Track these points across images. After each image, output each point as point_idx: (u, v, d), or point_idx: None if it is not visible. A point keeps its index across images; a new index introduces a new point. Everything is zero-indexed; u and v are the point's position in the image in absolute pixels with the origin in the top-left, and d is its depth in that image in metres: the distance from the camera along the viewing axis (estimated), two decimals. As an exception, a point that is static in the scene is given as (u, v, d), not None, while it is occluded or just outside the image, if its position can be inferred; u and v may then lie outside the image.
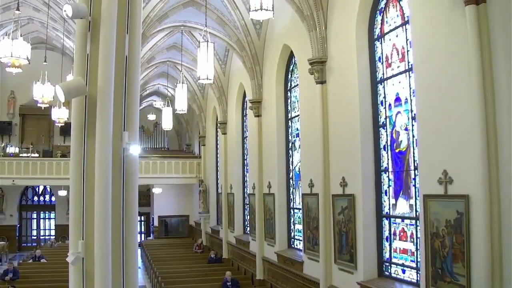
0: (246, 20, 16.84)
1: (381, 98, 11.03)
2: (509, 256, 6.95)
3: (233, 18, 17.13)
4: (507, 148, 7.00)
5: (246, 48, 17.66)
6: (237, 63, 19.89)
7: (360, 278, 10.87)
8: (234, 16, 16.99)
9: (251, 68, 17.90)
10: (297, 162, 15.74)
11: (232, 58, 21.48)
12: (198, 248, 26.46)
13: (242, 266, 20.39)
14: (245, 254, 20.05)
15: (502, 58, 7.10)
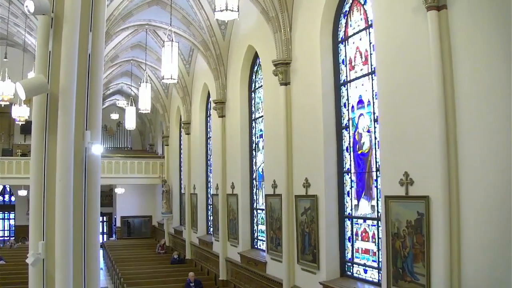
0: (211, 20, 16.80)
1: (344, 100, 11.14)
2: (468, 256, 7.11)
3: (198, 18, 17.07)
4: (466, 150, 7.16)
5: (211, 48, 17.61)
6: (202, 63, 19.82)
7: (322, 278, 10.96)
8: (199, 16, 16.93)
9: (216, 68, 17.87)
10: (260, 163, 15.78)
11: (197, 58, 21.40)
12: (161, 249, 26.29)
13: (205, 267, 20.34)
14: (208, 255, 20.00)
15: (462, 62, 7.26)
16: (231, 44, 17.53)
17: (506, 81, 6.51)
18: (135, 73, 25.86)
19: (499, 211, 6.60)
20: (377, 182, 9.83)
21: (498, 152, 6.63)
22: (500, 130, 6.61)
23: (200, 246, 21.34)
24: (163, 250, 26.26)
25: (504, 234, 6.49)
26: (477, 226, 6.97)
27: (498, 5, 6.69)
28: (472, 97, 7.09)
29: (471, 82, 7.12)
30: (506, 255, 6.44)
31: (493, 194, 6.70)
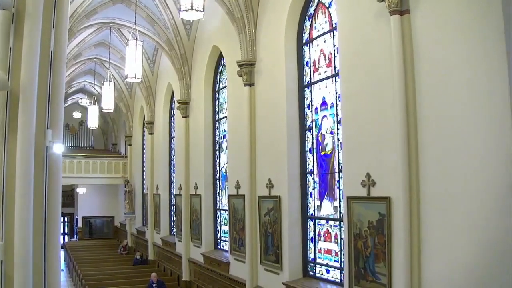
0: (176, 19, 16.70)
1: (308, 102, 11.22)
2: (427, 256, 7.24)
3: (163, 17, 16.95)
4: (427, 152, 7.29)
5: (176, 48, 17.52)
6: (166, 62, 19.71)
7: (285, 279, 11.01)
8: (164, 15, 16.82)
9: (180, 68, 17.78)
10: (224, 164, 15.76)
11: (161, 57, 21.27)
12: (123, 250, 26.06)
13: (168, 268, 20.23)
14: (171, 256, 19.89)
15: (424, 65, 7.39)
16: (195, 44, 17.48)
17: (466, 84, 6.66)
18: (98, 72, 25.54)
19: (458, 211, 6.74)
20: (339, 183, 9.92)
21: (458, 154, 6.76)
22: (460, 133, 6.75)
23: (163, 247, 21.20)
24: (126, 250, 26.03)
25: (463, 234, 6.65)
26: (437, 226, 7.10)
27: (460, 10, 6.83)
28: (433, 99, 7.22)
29: (432, 86, 7.26)
30: (465, 254, 6.60)
31: (453, 195, 6.83)
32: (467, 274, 6.56)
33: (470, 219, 6.54)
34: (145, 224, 24.64)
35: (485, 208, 6.32)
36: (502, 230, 5.99)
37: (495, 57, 6.24)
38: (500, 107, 6.12)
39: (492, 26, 6.29)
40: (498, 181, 6.13)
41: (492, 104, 6.27)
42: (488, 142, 6.30)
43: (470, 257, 6.51)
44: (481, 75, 6.45)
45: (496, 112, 6.20)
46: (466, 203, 6.60)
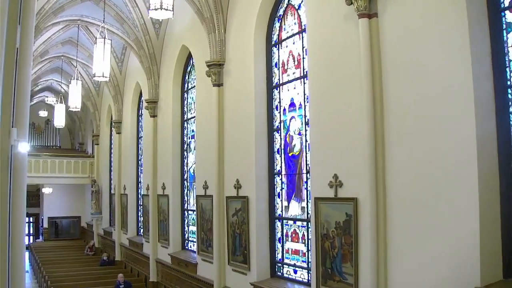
0: (145, 18, 16.59)
1: (276, 103, 11.27)
2: (394, 256, 7.35)
3: (132, 16, 16.81)
4: (394, 154, 7.40)
5: (144, 47, 17.40)
6: (134, 62, 19.54)
7: (253, 279, 11.04)
8: (133, 13, 16.69)
9: (149, 67, 17.67)
10: (192, 164, 15.72)
11: (130, 56, 21.09)
12: (90, 251, 25.79)
13: (136, 269, 20.08)
14: (139, 256, 19.73)
15: (391, 68, 7.50)
16: (164, 44, 17.39)
17: (432, 86, 6.78)
18: (65, 70, 25.22)
19: (425, 212, 6.86)
20: (307, 184, 9.99)
21: (425, 155, 6.88)
22: (427, 134, 6.87)
23: (130, 248, 21.03)
24: (92, 251, 25.76)
25: (429, 234, 6.77)
26: (403, 227, 7.21)
27: (425, 14, 6.96)
28: (400, 101, 7.33)
29: (399, 88, 7.36)
30: (431, 254, 6.71)
31: (419, 196, 6.95)
32: (433, 274, 6.67)
33: (436, 220, 6.66)
34: (112, 225, 24.40)
35: (451, 208, 6.44)
36: (469, 231, 6.12)
37: (460, 59, 6.38)
38: (465, 108, 6.25)
39: (457, 28, 6.44)
40: (465, 182, 6.25)
41: (457, 105, 6.40)
42: (455, 144, 6.42)
43: (436, 257, 6.62)
44: (446, 76, 6.58)
45: (462, 113, 6.33)
46: (433, 204, 6.71)
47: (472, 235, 6.08)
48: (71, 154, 31.17)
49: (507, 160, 6.26)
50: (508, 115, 6.32)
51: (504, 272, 6.15)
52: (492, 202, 6.21)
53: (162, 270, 16.98)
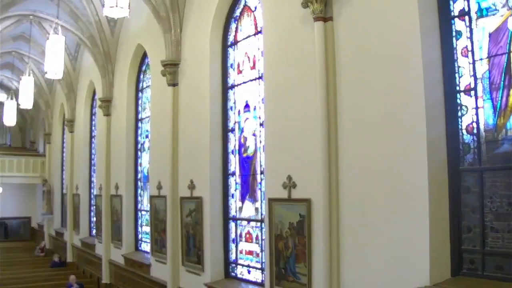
0: (100, 15, 16.29)
1: (231, 103, 11.27)
2: (346, 255, 7.44)
3: (87, 13, 16.49)
4: (346, 155, 7.49)
5: (99, 45, 17.12)
6: (89, 59, 19.23)
7: (207, 280, 11.01)
8: (88, 10, 16.38)
9: (103, 65, 17.40)
10: (145, 164, 15.58)
11: (84, 54, 20.74)
12: (40, 252, 25.29)
13: (88, 270, 19.79)
14: (91, 257, 19.44)
15: (345, 71, 7.59)
16: (120, 42, 17.17)
17: (385, 90, 6.90)
18: (17, 66, 24.66)
19: (375, 212, 6.97)
20: (261, 185, 10.01)
21: (376, 157, 6.99)
22: (377, 137, 6.98)
23: (82, 248, 20.71)
24: (43, 252, 25.26)
25: (380, 234, 6.88)
26: (355, 227, 7.31)
27: (380, 20, 7.07)
28: (353, 105, 7.42)
29: (352, 91, 7.46)
30: (382, 254, 6.82)
31: (370, 197, 7.06)
32: (384, 273, 6.79)
33: (387, 220, 6.77)
34: (64, 225, 23.97)
35: (402, 209, 6.56)
36: (419, 231, 6.25)
37: (412, 63, 6.50)
38: (417, 111, 6.38)
39: (409, 34, 6.56)
40: (415, 183, 6.38)
41: (409, 108, 6.52)
42: (406, 146, 6.55)
43: (387, 257, 6.74)
44: (399, 80, 6.70)
45: (413, 116, 6.45)
46: (384, 205, 6.82)
47: (422, 235, 6.22)
48: (22, 153, 30.43)
49: (456, 162, 6.43)
50: (457, 119, 6.49)
51: (452, 270, 6.31)
52: (441, 203, 6.36)
53: (115, 271, 16.77)
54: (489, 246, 6.07)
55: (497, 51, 6.12)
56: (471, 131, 6.36)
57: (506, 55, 6.02)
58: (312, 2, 7.81)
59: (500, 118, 6.07)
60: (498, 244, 5.99)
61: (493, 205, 6.07)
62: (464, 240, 6.32)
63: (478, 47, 6.34)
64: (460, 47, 6.53)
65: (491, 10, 6.22)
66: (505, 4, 6.04)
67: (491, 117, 6.16)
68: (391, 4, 6.89)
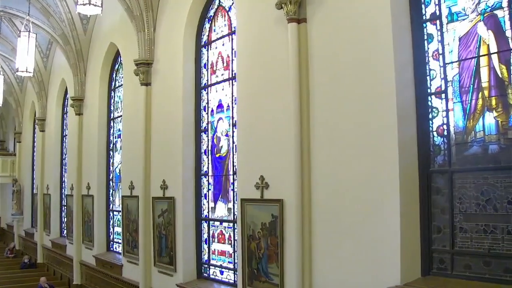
0: (73, 13, 16.05)
1: (204, 103, 11.24)
2: (318, 256, 7.48)
3: (59, 10, 16.24)
4: (319, 156, 7.53)
5: (71, 43, 16.89)
6: (60, 57, 18.97)
7: (179, 280, 10.97)
8: (61, 7, 16.12)
9: (75, 64, 17.18)
10: (118, 164, 15.45)
11: (55, 52, 20.47)
12: (10, 253, 24.90)
13: (58, 271, 19.53)
14: (62, 258, 19.19)
15: (318, 73, 7.63)
16: (92, 40, 16.99)
17: (357, 92, 6.96)
18: (-14, 64, 24.21)
19: (347, 213, 7.03)
20: (234, 185, 10.02)
21: (348, 158, 7.05)
22: (350, 138, 7.04)
23: (53, 249, 20.42)
24: (12, 254, 24.87)
25: (352, 234, 6.94)
26: (327, 227, 7.36)
27: (353, 23, 7.13)
28: (326, 106, 7.47)
29: (325, 92, 7.50)
30: (353, 254, 6.89)
31: (342, 197, 7.11)
32: (356, 273, 6.85)
33: (359, 220, 6.83)
34: (34, 226, 23.59)
35: (374, 210, 6.63)
36: (391, 231, 6.33)
37: (384, 66, 6.58)
38: (388, 113, 6.46)
39: (382, 37, 6.63)
40: (387, 184, 6.46)
41: (381, 110, 6.59)
42: (378, 147, 6.62)
43: (359, 257, 6.80)
44: (371, 82, 6.77)
45: (385, 118, 6.52)
46: (356, 206, 6.89)
47: (393, 236, 6.29)
48: (-9, 152, 30.03)
49: (426, 163, 6.53)
50: (428, 121, 6.59)
51: (422, 270, 6.42)
52: (412, 204, 6.46)
53: (86, 272, 16.59)
54: (458, 246, 6.19)
55: (467, 55, 6.24)
56: (441, 133, 6.46)
57: (475, 59, 6.14)
58: (286, 3, 7.84)
59: (469, 121, 6.18)
60: (466, 244, 6.11)
61: (462, 206, 6.18)
62: (434, 241, 6.43)
63: (449, 51, 6.46)
64: (431, 50, 6.65)
65: (461, 15, 6.35)
66: (474, 10, 6.17)
67: (461, 119, 6.27)
68: (364, 6, 6.95)
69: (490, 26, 6.02)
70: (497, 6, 5.94)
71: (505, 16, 5.86)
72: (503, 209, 5.80)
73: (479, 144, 6.09)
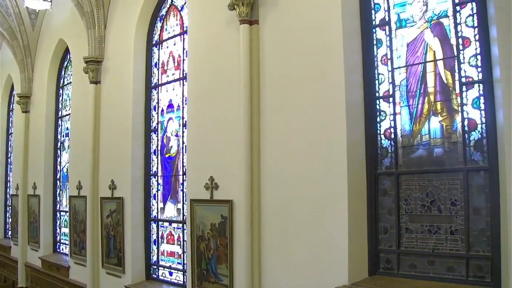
0: (21, 7, 15.56)
1: (155, 103, 11.15)
2: (267, 256, 7.54)
3: (5, 3, 15.73)
4: (268, 158, 7.58)
5: (18, 38, 16.41)
6: (7, 53, 18.43)
7: (128, 282, 10.82)
8: (8, 1, 15.63)
9: (22, 60, 16.71)
10: (65, 163, 15.14)
11: (2, 47, 19.88)
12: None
13: (2, 274, 18.96)
14: (6, 260, 18.63)
15: (269, 74, 7.68)
16: (41, 36, 16.55)
17: (307, 94, 7.04)
18: None
19: (294, 214, 7.10)
20: (183, 186, 9.97)
21: (297, 159, 7.12)
22: (299, 139, 7.11)
23: (-4, 251, 19.86)
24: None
25: (299, 234, 7.02)
26: (276, 228, 7.42)
27: (304, 26, 7.20)
28: (276, 107, 7.52)
29: (276, 94, 7.55)
30: (301, 255, 6.97)
31: (291, 198, 7.18)
32: (304, 273, 6.93)
33: (308, 221, 6.91)
34: (-23, 226, 22.91)
35: (322, 211, 6.71)
36: (338, 232, 6.43)
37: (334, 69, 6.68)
38: (337, 115, 6.56)
39: (332, 40, 6.73)
40: (335, 186, 6.55)
41: (330, 112, 6.69)
42: (326, 149, 6.70)
43: (307, 257, 6.88)
44: (321, 85, 6.86)
45: (334, 120, 6.62)
46: (304, 207, 6.96)
47: (341, 236, 6.39)
48: None
49: (373, 166, 6.67)
50: (376, 124, 6.73)
51: (369, 270, 6.57)
52: (359, 205, 6.58)
53: (31, 274, 16.16)
54: (404, 246, 6.35)
55: (414, 60, 6.42)
56: (389, 136, 6.61)
57: (422, 65, 6.32)
58: (238, 5, 7.86)
59: (416, 124, 6.35)
60: (412, 244, 6.28)
61: (408, 207, 6.34)
62: (381, 241, 6.57)
63: (397, 56, 6.62)
64: (380, 55, 6.80)
65: (410, 22, 6.53)
66: (421, 17, 6.36)
67: (408, 123, 6.44)
68: (315, 10, 7.03)
69: (436, 33, 6.21)
70: (443, 14, 6.15)
71: (450, 24, 6.07)
72: (446, 210, 5.98)
73: (424, 147, 6.26)
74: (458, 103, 5.95)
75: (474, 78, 5.83)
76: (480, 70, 5.77)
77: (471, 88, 5.85)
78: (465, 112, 5.89)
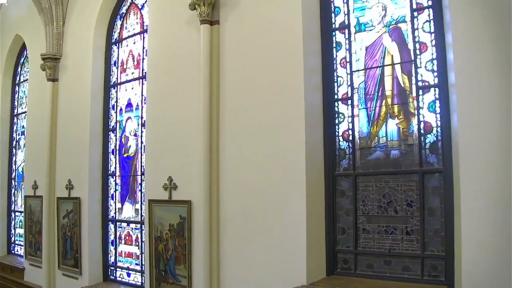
0: (-25, 2, 15.28)
1: (113, 102, 11.00)
2: (226, 257, 7.54)
3: (-42, -3, 15.39)
4: (227, 159, 7.58)
5: (-28, 33, 16.04)
6: (-40, 48, 17.96)
7: (85, 283, 10.65)
8: (-39, -5, 15.29)
9: (-24, 56, 16.34)
10: (21, 162, 14.82)
11: (-46, 42, 19.36)
12: None
13: (-48, 275, 18.44)
14: (-44, 261, 18.14)
15: (229, 75, 7.68)
16: (-4, 31, 16.19)
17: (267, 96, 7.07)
18: None
19: (253, 215, 7.14)
20: (141, 186, 9.89)
21: (256, 161, 7.14)
22: (259, 141, 7.13)
23: None
24: None
25: (258, 234, 7.06)
26: (234, 228, 7.43)
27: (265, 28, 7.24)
28: (235, 108, 7.53)
29: (235, 95, 7.56)
30: (260, 255, 7.01)
31: (250, 199, 7.21)
32: (262, 274, 6.95)
33: (266, 222, 6.94)
34: None
35: (281, 212, 6.76)
36: (297, 233, 6.48)
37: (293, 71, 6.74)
38: (296, 117, 6.62)
39: (292, 43, 6.78)
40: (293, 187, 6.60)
41: (289, 114, 6.74)
42: (286, 151, 6.75)
43: (266, 258, 6.91)
44: (280, 87, 6.90)
45: (293, 121, 6.68)
46: (264, 208, 7.00)
47: (300, 237, 6.45)
48: None
49: (332, 167, 6.76)
50: (335, 126, 6.82)
51: (327, 270, 6.66)
52: (317, 206, 6.65)
53: (-17, 276, 15.80)
54: (361, 246, 6.47)
55: (372, 64, 6.53)
56: (347, 138, 6.72)
57: (380, 69, 6.43)
58: (199, 4, 7.84)
59: (373, 127, 6.46)
60: (369, 244, 6.39)
61: (365, 208, 6.45)
62: (338, 241, 6.67)
63: (356, 59, 6.72)
64: (339, 57, 6.90)
65: (369, 26, 6.64)
66: (380, 22, 6.48)
67: (365, 125, 6.54)
68: (276, 11, 7.07)
69: (394, 38, 6.34)
70: (401, 19, 6.29)
71: (408, 29, 6.21)
72: (402, 211, 6.11)
73: (381, 149, 6.38)
74: (415, 106, 6.09)
75: (430, 82, 5.99)
76: (436, 74, 5.93)
77: (427, 92, 6.00)
78: (421, 115, 6.03)
